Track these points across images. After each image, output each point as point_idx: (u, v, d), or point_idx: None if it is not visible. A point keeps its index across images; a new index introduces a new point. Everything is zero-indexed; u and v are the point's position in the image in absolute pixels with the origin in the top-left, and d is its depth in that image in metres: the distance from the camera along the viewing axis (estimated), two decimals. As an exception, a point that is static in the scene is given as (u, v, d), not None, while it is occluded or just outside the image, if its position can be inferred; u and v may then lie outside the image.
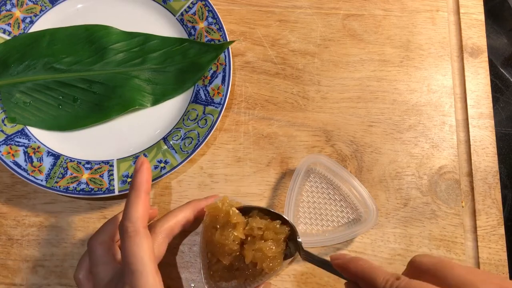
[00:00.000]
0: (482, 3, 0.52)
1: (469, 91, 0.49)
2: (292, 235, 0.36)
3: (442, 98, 0.49)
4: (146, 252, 0.33)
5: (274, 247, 0.35)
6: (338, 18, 0.51)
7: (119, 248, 0.37)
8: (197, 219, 0.39)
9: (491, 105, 0.48)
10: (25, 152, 0.44)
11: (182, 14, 0.49)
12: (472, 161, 0.46)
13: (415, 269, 0.31)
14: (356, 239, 0.43)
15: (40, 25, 0.49)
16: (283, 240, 0.36)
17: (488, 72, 0.50)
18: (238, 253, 0.36)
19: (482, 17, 0.52)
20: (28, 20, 0.49)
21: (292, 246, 0.36)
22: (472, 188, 0.45)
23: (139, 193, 0.35)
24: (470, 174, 0.46)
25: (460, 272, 0.28)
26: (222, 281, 0.37)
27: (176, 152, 0.44)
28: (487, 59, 0.50)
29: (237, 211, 0.36)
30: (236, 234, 0.35)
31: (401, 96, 0.49)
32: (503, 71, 0.54)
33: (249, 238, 0.36)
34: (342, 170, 0.43)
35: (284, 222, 0.37)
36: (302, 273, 0.42)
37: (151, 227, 0.37)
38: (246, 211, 0.37)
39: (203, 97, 0.46)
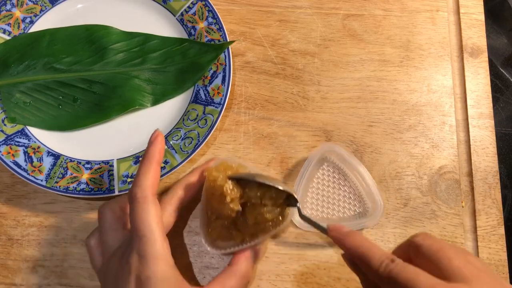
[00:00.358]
0: (482, 3, 0.52)
1: (469, 91, 0.49)
2: (291, 201, 0.37)
3: (442, 98, 0.49)
4: (154, 219, 0.33)
5: (272, 210, 0.36)
6: (338, 18, 0.51)
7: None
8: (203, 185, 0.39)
9: (491, 105, 0.48)
10: (25, 152, 0.44)
11: (182, 14, 0.49)
12: (472, 161, 0.46)
13: (414, 249, 0.31)
14: (356, 239, 0.43)
15: (40, 25, 0.49)
16: (281, 203, 0.37)
17: (488, 72, 0.50)
18: (238, 214, 0.37)
19: (482, 17, 0.52)
20: (28, 20, 0.49)
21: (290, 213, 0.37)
22: (472, 188, 0.45)
23: (151, 163, 0.35)
24: (470, 174, 0.46)
25: (458, 264, 0.29)
26: (219, 240, 0.38)
27: (176, 152, 0.44)
28: (487, 59, 0.50)
29: (231, 186, 0.36)
30: (232, 206, 0.36)
31: (401, 96, 0.49)
32: (503, 71, 0.54)
33: (248, 203, 0.36)
34: (356, 162, 0.43)
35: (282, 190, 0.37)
36: (302, 273, 0.42)
37: (160, 199, 0.37)
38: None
39: (203, 97, 0.46)
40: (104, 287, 0.35)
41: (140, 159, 0.43)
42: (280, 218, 0.37)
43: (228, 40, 0.47)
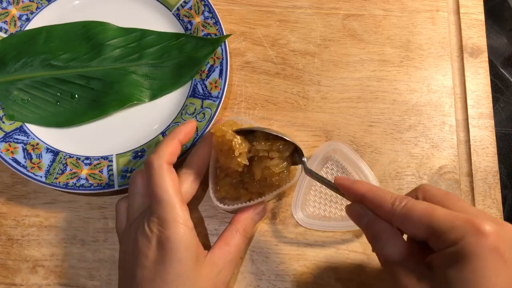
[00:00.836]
0: (482, 3, 0.52)
1: (469, 91, 0.49)
2: (296, 159, 0.38)
3: (442, 98, 0.49)
4: (171, 185, 0.35)
5: (278, 164, 0.37)
6: (338, 18, 0.51)
7: None
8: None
9: (491, 105, 0.48)
10: (24, 149, 0.44)
11: (178, 9, 0.49)
12: (472, 161, 0.46)
13: (422, 193, 0.32)
14: (356, 239, 0.43)
15: (37, 22, 0.49)
16: (288, 156, 0.38)
17: (488, 72, 0.50)
18: (245, 170, 0.38)
19: (482, 17, 0.52)
20: (24, 17, 0.49)
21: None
22: (472, 188, 0.45)
23: (174, 138, 0.38)
24: (470, 174, 0.46)
25: (463, 205, 0.30)
26: (227, 199, 0.40)
27: None
28: (487, 59, 0.50)
29: (239, 140, 0.37)
30: (240, 160, 0.37)
31: (401, 96, 0.49)
32: (503, 71, 0.54)
33: (256, 158, 0.38)
34: (360, 161, 0.43)
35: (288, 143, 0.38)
36: (302, 273, 0.42)
37: (179, 170, 0.38)
38: (250, 131, 0.38)
39: (201, 91, 0.46)
40: (124, 250, 0.37)
41: (139, 153, 0.44)
42: (286, 173, 0.38)
43: (225, 34, 0.47)
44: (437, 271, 0.28)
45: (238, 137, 0.37)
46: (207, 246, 0.41)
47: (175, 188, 0.35)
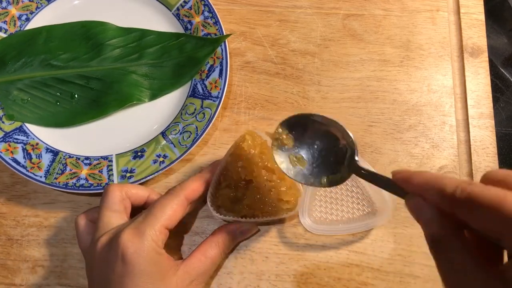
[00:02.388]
0: (482, 3, 0.52)
1: (469, 91, 0.49)
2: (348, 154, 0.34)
3: (442, 98, 0.48)
4: (171, 211, 0.36)
5: (271, 201, 0.38)
6: (338, 18, 0.51)
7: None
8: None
9: (491, 105, 0.48)
10: (24, 149, 0.44)
11: (178, 9, 0.49)
12: (473, 161, 0.46)
13: (486, 181, 0.26)
14: (356, 239, 0.43)
15: (36, 22, 0.49)
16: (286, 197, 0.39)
17: (488, 72, 0.50)
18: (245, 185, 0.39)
19: (482, 17, 0.52)
20: (24, 17, 0.49)
21: (343, 169, 0.34)
22: (472, 188, 0.45)
23: (202, 177, 0.39)
24: (470, 174, 0.46)
25: None
26: (223, 208, 0.40)
27: (175, 146, 0.44)
28: (487, 59, 0.50)
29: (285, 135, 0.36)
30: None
31: (401, 96, 0.48)
32: (503, 71, 0.54)
33: (254, 182, 0.39)
34: (362, 161, 0.43)
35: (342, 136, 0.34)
36: (302, 273, 0.42)
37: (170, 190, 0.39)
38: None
39: (201, 91, 0.46)
40: (91, 264, 0.36)
41: (139, 153, 0.44)
42: (282, 208, 0.39)
43: (225, 34, 0.47)
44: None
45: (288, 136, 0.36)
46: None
47: (171, 215, 0.36)
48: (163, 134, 0.45)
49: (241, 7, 0.52)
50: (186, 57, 0.48)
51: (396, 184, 0.29)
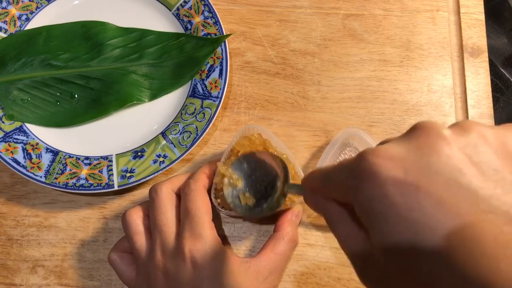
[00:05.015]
0: (482, 3, 0.52)
1: (470, 91, 0.49)
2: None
3: (442, 98, 0.48)
4: (205, 205, 0.37)
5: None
6: (338, 18, 0.51)
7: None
8: None
9: (491, 105, 0.48)
10: (24, 149, 0.44)
11: (178, 9, 0.49)
12: (472, 161, 0.46)
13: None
14: (356, 239, 0.43)
15: (36, 22, 0.49)
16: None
17: (488, 72, 0.50)
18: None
19: (482, 17, 0.52)
20: (24, 17, 0.49)
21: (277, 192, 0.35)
22: (472, 188, 0.45)
23: (209, 167, 0.40)
24: (470, 174, 0.46)
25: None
26: (221, 205, 0.40)
27: (175, 146, 0.44)
28: (487, 59, 0.50)
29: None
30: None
31: (401, 96, 0.48)
32: (503, 71, 0.54)
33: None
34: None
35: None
36: (302, 273, 0.42)
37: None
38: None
39: (201, 91, 0.46)
40: (151, 284, 0.36)
41: (139, 153, 0.44)
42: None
43: (225, 34, 0.47)
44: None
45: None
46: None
47: (208, 209, 0.37)
48: (163, 134, 0.45)
49: (241, 7, 0.52)
50: (186, 57, 0.48)
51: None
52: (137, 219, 0.38)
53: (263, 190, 0.36)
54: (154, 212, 0.37)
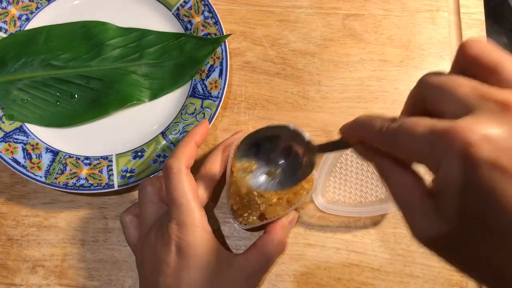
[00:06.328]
0: (482, 3, 0.52)
1: (470, 91, 0.49)
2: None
3: (442, 98, 0.48)
4: (190, 189, 0.35)
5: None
6: (338, 18, 0.51)
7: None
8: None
9: (491, 105, 0.48)
10: (24, 149, 0.44)
11: (178, 9, 0.49)
12: (473, 161, 0.46)
13: (465, 58, 0.24)
14: (356, 239, 0.43)
15: (37, 22, 0.49)
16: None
17: (488, 72, 0.49)
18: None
19: (482, 17, 0.52)
20: (24, 17, 0.49)
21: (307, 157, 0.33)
22: (472, 188, 0.45)
23: (190, 140, 0.37)
24: (470, 174, 0.46)
25: (464, 91, 0.22)
26: (243, 223, 0.39)
27: (175, 146, 0.44)
28: (487, 59, 0.50)
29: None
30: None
31: (401, 96, 0.48)
32: (503, 71, 0.54)
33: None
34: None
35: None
36: (302, 273, 0.42)
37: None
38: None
39: (201, 91, 0.46)
40: (141, 260, 0.36)
41: (139, 153, 0.44)
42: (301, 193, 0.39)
43: (225, 34, 0.47)
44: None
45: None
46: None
47: (193, 193, 0.35)
48: (163, 134, 0.45)
49: (241, 7, 0.52)
50: (186, 57, 0.48)
51: (345, 141, 0.29)
52: (149, 190, 0.38)
53: (283, 160, 0.35)
54: (167, 188, 0.36)
